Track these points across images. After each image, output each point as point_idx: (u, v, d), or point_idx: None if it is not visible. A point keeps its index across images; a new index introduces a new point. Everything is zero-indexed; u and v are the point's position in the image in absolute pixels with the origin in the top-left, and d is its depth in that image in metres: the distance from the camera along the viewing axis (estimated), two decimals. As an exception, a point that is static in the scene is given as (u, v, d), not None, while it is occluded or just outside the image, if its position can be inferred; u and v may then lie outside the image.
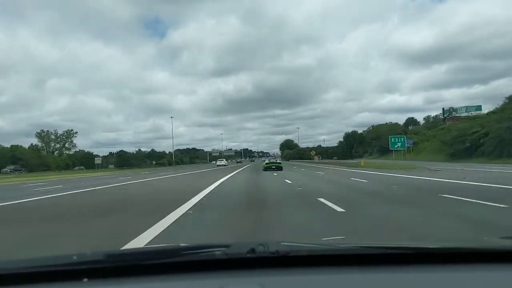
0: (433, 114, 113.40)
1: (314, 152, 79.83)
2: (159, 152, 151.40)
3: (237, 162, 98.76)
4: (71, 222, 7.79)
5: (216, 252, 1.16)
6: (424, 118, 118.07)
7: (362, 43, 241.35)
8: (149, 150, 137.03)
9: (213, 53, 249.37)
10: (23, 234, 6.31)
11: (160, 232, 5.74)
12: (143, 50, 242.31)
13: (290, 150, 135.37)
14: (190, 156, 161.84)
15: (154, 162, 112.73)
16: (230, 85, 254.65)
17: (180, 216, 7.37)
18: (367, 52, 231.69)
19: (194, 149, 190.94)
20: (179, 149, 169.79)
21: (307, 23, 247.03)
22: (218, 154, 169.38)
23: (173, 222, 6.69)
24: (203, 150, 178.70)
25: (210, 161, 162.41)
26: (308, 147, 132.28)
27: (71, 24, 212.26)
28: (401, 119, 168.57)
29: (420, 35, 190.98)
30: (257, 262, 1.15)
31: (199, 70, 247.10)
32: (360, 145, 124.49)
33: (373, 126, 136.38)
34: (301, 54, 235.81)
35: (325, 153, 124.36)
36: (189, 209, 8.52)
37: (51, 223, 7.67)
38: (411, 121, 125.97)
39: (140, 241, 5.03)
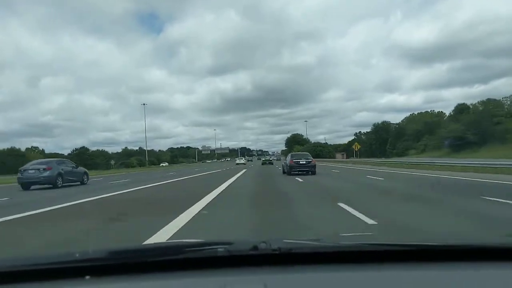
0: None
1: (359, 145, 48.11)
2: (149, 150, 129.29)
3: (248, 161, 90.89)
4: None
5: (219, 250, 1.16)
6: (479, 103, 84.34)
7: (363, 40, 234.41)
8: (147, 149, 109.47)
9: (211, 49, 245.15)
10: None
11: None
12: (139, 47, 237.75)
13: (301, 146, 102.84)
14: (172, 155, 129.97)
15: (113, 162, 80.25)
16: (228, 83, 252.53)
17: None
18: (368, 49, 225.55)
19: (188, 147, 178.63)
20: (173, 148, 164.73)
21: (308, 19, 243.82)
22: (209, 152, 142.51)
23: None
24: (198, 148, 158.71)
25: (199, 160, 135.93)
26: (319, 142, 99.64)
27: (64, 20, 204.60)
28: (399, 119, 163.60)
29: (422, 32, 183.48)
30: (260, 259, 1.14)
31: (197, 68, 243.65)
32: (399, 139, 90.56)
33: (412, 114, 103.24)
34: (301, 51, 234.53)
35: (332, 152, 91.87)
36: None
37: None
38: (461, 108, 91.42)
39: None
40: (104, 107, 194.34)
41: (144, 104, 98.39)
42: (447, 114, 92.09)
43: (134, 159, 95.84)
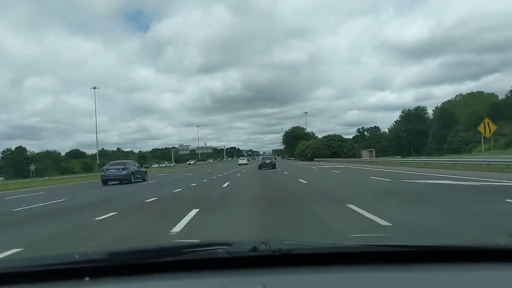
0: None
1: (494, 126, 22.64)
2: (126, 151, 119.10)
3: (248, 160, 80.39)
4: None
5: (218, 251, 1.16)
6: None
7: (354, 37, 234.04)
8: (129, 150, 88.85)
9: (200, 47, 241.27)
10: None
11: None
12: (126, 45, 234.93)
13: (307, 141, 76.39)
14: (140, 156, 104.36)
15: (33, 168, 53.46)
16: (218, 82, 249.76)
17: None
18: (359, 46, 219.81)
19: (174, 148, 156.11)
20: (157, 148, 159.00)
21: (298, 15, 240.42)
22: (188, 152, 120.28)
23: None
24: (175, 147, 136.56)
25: (176, 161, 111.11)
26: (336, 135, 73.03)
27: (48, 18, 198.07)
28: (389, 117, 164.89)
29: (414, 28, 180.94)
30: (259, 260, 1.14)
31: (186, 66, 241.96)
32: (447, 129, 63.82)
33: (459, 95, 77.22)
34: (291, 48, 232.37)
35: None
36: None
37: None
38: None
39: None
40: (91, 108, 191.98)
41: (94, 88, 71.73)
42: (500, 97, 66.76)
43: (78, 162, 68.50)
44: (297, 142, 78.62)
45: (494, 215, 6.28)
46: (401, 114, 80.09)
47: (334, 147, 65.14)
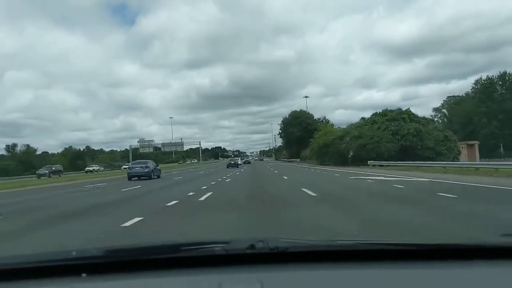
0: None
1: None
2: (97, 150, 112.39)
3: (243, 162, 71.51)
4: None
5: (215, 248, 1.18)
6: None
7: (344, 35, 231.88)
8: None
9: (187, 42, 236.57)
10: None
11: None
12: (111, 39, 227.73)
13: (331, 126, 48.02)
14: (75, 156, 75.40)
15: None
16: (205, 79, 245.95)
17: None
18: (348, 44, 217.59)
19: (132, 146, 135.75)
20: (137, 147, 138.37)
21: (287, 12, 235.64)
22: (151, 150, 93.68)
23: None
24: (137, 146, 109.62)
25: (136, 160, 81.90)
26: (403, 110, 43.66)
27: (29, 9, 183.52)
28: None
29: (404, 27, 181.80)
30: (256, 258, 1.16)
31: (172, 62, 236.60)
32: None
33: None
34: (279, 45, 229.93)
35: (339, 153, 35.42)
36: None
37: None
38: None
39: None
40: (75, 104, 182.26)
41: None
42: None
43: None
44: (314, 132, 47.73)
45: None
46: (473, 86, 50.95)
47: (402, 136, 32.70)
